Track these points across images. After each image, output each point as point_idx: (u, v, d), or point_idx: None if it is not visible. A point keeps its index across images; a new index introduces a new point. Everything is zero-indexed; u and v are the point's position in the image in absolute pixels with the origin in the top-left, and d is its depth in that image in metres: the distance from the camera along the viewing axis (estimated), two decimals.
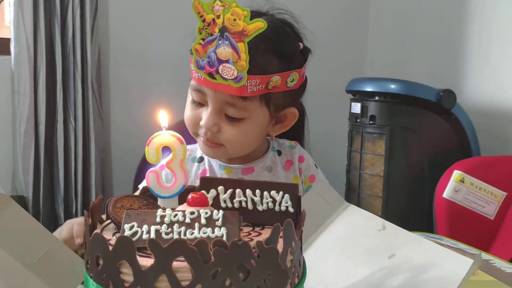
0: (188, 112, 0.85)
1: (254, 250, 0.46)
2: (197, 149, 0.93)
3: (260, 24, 0.72)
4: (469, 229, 1.55)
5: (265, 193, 0.56)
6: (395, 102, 1.75)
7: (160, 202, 0.58)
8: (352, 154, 1.92)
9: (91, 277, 0.48)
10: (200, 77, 0.78)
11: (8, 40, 1.97)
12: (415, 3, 2.40)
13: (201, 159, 0.93)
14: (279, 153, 0.94)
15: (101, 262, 0.46)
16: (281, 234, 0.48)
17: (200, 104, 0.83)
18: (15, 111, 1.94)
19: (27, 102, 1.92)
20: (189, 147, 0.91)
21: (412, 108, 1.75)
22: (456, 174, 1.58)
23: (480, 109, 1.97)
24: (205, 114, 0.82)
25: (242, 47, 0.73)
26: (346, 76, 2.00)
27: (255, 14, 0.78)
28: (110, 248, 0.45)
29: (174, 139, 0.58)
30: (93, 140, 2.01)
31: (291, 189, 0.57)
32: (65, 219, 2.02)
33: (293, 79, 0.82)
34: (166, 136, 0.58)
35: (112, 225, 0.55)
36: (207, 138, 0.83)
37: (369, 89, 1.79)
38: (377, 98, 1.79)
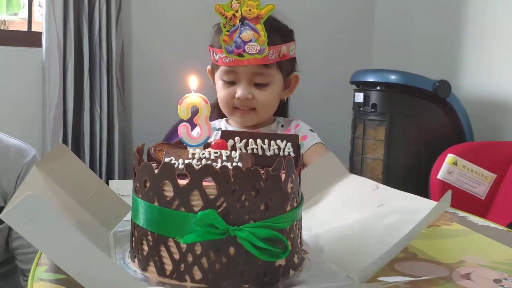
0: (222, 92, 1.08)
1: (263, 175, 0.61)
2: (218, 122, 1.16)
3: (270, 7, 0.98)
4: (461, 208, 1.67)
5: (272, 142, 0.72)
6: (395, 92, 1.92)
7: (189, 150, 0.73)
8: (355, 141, 2.08)
9: (139, 197, 0.63)
10: (231, 60, 1.01)
11: (40, 33, 2.15)
12: None
13: (219, 129, 1.09)
14: (282, 126, 1.14)
15: (148, 184, 0.62)
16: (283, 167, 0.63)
17: (231, 82, 1.06)
18: (45, 98, 2.12)
19: (57, 90, 2.10)
20: (210, 122, 1.10)
21: (410, 97, 1.91)
22: (450, 157, 1.72)
23: (474, 99, 2.12)
24: (239, 87, 1.05)
25: (260, 27, 0.98)
26: (352, 69, 2.16)
27: None
28: (156, 172, 0.61)
29: (201, 99, 0.73)
30: (116, 126, 2.18)
31: (293, 139, 0.72)
32: None
33: (292, 48, 1.07)
34: (194, 97, 0.73)
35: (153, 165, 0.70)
36: (243, 104, 1.06)
37: (371, 79, 1.95)
38: (378, 88, 1.95)
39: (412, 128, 1.94)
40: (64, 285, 0.58)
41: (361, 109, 2.02)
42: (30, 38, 2.21)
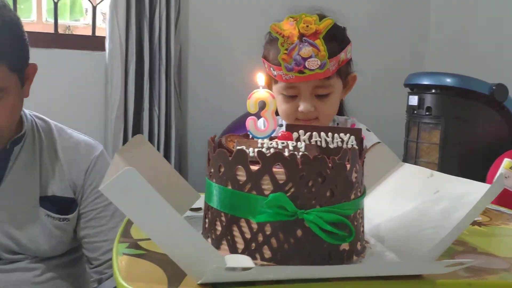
0: (284, 106, 1.06)
1: (330, 163, 0.64)
2: (279, 119, 1.15)
3: (329, 21, 0.96)
4: None
5: (336, 135, 0.75)
6: (450, 95, 1.90)
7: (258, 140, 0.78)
8: (408, 144, 2.07)
9: (213, 181, 0.68)
10: (291, 77, 0.99)
11: (103, 38, 2.28)
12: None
13: (280, 125, 1.14)
14: (337, 124, 1.16)
15: (222, 169, 0.67)
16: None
17: (292, 96, 1.05)
18: (108, 100, 2.25)
19: (118, 92, 2.21)
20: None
21: (466, 100, 1.89)
22: (506, 161, 1.69)
23: None
24: (301, 101, 1.03)
25: (319, 42, 0.96)
26: (405, 71, 2.16)
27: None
28: (230, 158, 0.66)
29: (268, 94, 0.78)
30: (173, 127, 2.28)
31: (356, 132, 0.75)
32: None
33: (349, 51, 1.06)
34: (262, 92, 0.78)
35: None
36: (306, 117, 1.05)
37: (426, 82, 1.95)
38: (433, 91, 1.94)
39: (467, 132, 1.92)
40: (143, 259, 0.65)
41: (415, 112, 2.01)
42: (94, 42, 2.35)
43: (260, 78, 0.80)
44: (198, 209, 0.87)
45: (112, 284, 1.13)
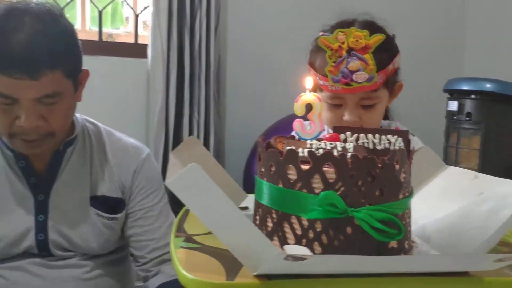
0: (329, 114, 1.06)
1: (379, 163, 0.66)
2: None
3: (380, 37, 0.96)
4: None
5: (383, 136, 0.77)
6: (490, 100, 1.89)
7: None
8: (448, 150, 2.06)
9: (264, 179, 0.71)
10: (337, 88, 0.99)
11: (146, 45, 2.35)
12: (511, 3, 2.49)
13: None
14: (380, 127, 1.16)
15: (273, 168, 0.70)
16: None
17: (338, 105, 1.05)
18: (150, 105, 2.32)
19: (160, 98, 2.28)
20: None
21: (506, 106, 1.87)
22: None
23: None
24: (347, 111, 1.03)
25: (368, 57, 0.96)
26: (443, 77, 2.15)
27: (345, 24, 1.02)
28: (281, 158, 0.69)
29: (315, 97, 0.80)
30: (212, 132, 2.33)
31: (403, 134, 0.77)
32: None
33: (397, 60, 1.05)
34: (309, 95, 0.80)
35: None
36: (351, 126, 1.02)
37: (465, 88, 1.94)
38: (473, 96, 1.93)
39: (508, 138, 1.89)
40: (199, 251, 0.68)
41: (455, 117, 2.00)
42: (136, 50, 2.43)
43: (308, 81, 0.83)
44: (245, 208, 0.89)
45: (157, 281, 1.17)
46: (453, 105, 2.00)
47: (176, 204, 1.35)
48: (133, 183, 1.21)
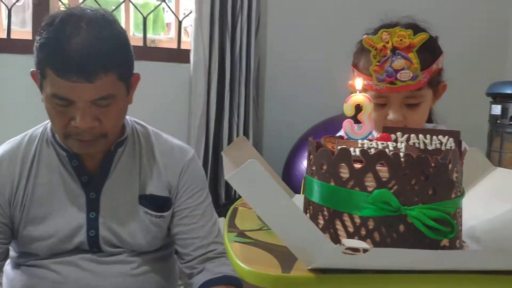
0: (373, 113, 1.01)
1: (432, 163, 0.67)
2: None
3: (424, 36, 0.97)
4: None
5: (434, 137, 0.78)
6: None
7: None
8: (491, 154, 2.02)
9: (315, 178, 0.73)
10: (382, 87, 1.01)
11: (188, 51, 2.41)
12: None
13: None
14: None
15: (324, 167, 0.71)
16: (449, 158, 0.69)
17: (382, 105, 1.06)
18: (191, 109, 2.37)
19: (201, 101, 2.33)
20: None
21: None
22: None
23: None
24: (391, 110, 1.04)
25: (412, 55, 0.97)
26: (487, 81, 2.11)
27: (388, 26, 1.02)
28: (333, 156, 0.70)
29: (365, 98, 0.81)
30: (251, 135, 2.37)
31: (454, 134, 0.77)
32: (226, 200, 2.38)
33: (441, 61, 1.05)
34: (359, 96, 0.82)
35: None
36: (395, 125, 1.03)
37: (509, 91, 1.90)
38: None
39: None
40: (252, 246, 0.70)
41: (498, 121, 1.96)
42: (179, 55, 2.49)
43: (358, 82, 0.84)
44: None
45: (202, 278, 1.19)
46: (497, 109, 1.97)
47: (215, 205, 1.38)
48: (179, 182, 1.24)
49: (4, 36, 2.46)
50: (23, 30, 2.60)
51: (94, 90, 1.04)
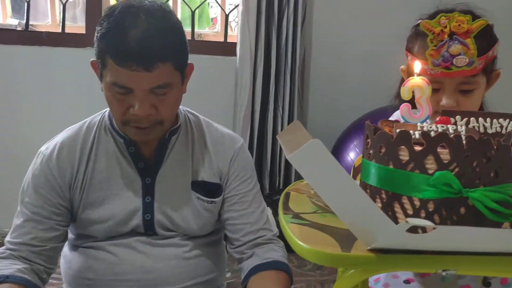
0: None
1: (495, 145, 0.66)
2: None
3: (482, 22, 0.98)
4: None
5: (494, 120, 0.76)
6: None
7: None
8: None
9: (372, 161, 0.73)
10: (437, 72, 1.01)
11: (235, 44, 2.44)
12: None
13: None
14: None
15: (383, 150, 0.71)
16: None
17: (436, 90, 1.05)
18: (237, 100, 2.40)
19: (247, 93, 2.36)
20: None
21: None
22: None
23: None
24: (444, 96, 1.04)
25: (469, 41, 0.98)
26: None
27: (444, 11, 1.02)
28: (392, 139, 0.70)
29: (423, 81, 0.81)
30: None
31: None
32: (270, 191, 2.40)
33: (496, 48, 1.05)
34: (417, 79, 0.81)
35: None
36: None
37: None
38: None
39: None
40: (309, 227, 0.72)
41: None
42: (226, 48, 2.52)
43: (417, 65, 0.83)
44: None
45: (252, 263, 1.21)
46: None
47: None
48: (230, 169, 1.26)
49: (59, 30, 2.56)
50: (75, 25, 2.70)
51: (152, 78, 1.07)
